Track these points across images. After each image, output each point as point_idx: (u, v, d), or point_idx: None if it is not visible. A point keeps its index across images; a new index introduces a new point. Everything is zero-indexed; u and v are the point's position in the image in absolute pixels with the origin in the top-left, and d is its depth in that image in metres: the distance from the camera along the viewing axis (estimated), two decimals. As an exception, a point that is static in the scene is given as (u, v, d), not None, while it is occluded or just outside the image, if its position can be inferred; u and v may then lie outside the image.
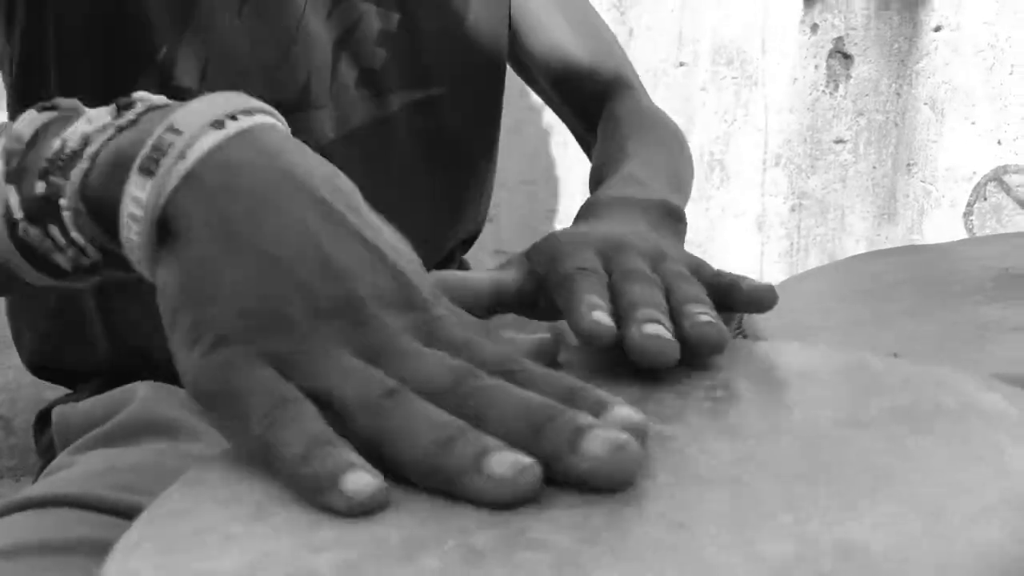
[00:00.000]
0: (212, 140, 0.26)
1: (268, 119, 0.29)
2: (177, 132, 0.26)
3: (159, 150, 0.26)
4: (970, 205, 1.31)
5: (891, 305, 0.49)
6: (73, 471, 0.50)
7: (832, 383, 0.29)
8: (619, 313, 0.32)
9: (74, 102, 0.31)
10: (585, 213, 0.46)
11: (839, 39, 1.26)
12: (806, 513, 0.20)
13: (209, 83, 0.52)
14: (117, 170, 0.27)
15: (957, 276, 0.53)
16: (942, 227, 1.31)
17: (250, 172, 0.26)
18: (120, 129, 0.29)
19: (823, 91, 1.27)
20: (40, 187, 0.28)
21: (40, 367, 0.60)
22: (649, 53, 1.21)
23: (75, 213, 0.28)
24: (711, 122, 1.25)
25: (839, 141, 1.29)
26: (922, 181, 1.32)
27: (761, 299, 0.36)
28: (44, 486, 0.47)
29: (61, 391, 0.60)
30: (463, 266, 0.72)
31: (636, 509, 0.22)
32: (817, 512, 0.20)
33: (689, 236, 0.52)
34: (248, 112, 0.28)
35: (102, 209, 0.28)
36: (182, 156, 0.26)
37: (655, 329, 0.30)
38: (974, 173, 1.30)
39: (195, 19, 0.51)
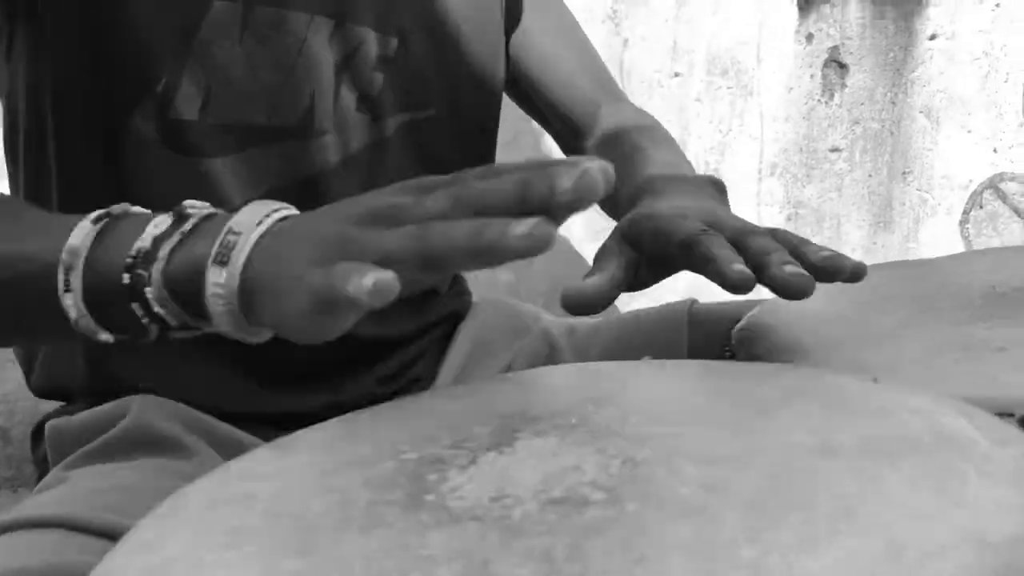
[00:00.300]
0: (257, 232, 0.37)
1: (289, 211, 0.39)
2: (237, 233, 0.37)
3: (226, 247, 0.37)
4: (966, 213, 1.31)
5: (881, 323, 0.49)
6: (63, 490, 0.50)
7: (809, 409, 0.29)
8: (751, 262, 0.39)
9: (124, 206, 0.41)
10: (649, 189, 0.53)
11: (834, 48, 1.26)
12: (768, 546, 0.20)
13: (211, 111, 0.52)
14: (194, 268, 0.37)
15: (947, 291, 0.52)
16: (938, 235, 1.31)
17: (287, 236, 0.37)
18: (183, 234, 0.39)
19: (818, 100, 1.27)
20: (125, 278, 0.38)
21: (45, 387, 0.60)
22: (644, 64, 1.21)
23: (159, 298, 0.38)
24: (706, 132, 1.25)
25: (834, 150, 1.29)
26: (918, 189, 1.32)
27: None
28: (35, 506, 0.47)
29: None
30: (457, 278, 0.72)
31: (599, 539, 0.22)
32: (779, 546, 0.20)
33: None
34: (276, 210, 0.38)
35: (181, 294, 0.38)
36: (242, 249, 0.37)
37: (795, 268, 0.38)
38: (970, 181, 1.30)
39: (195, 47, 0.51)
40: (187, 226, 0.39)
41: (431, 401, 0.38)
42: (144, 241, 0.38)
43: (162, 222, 0.39)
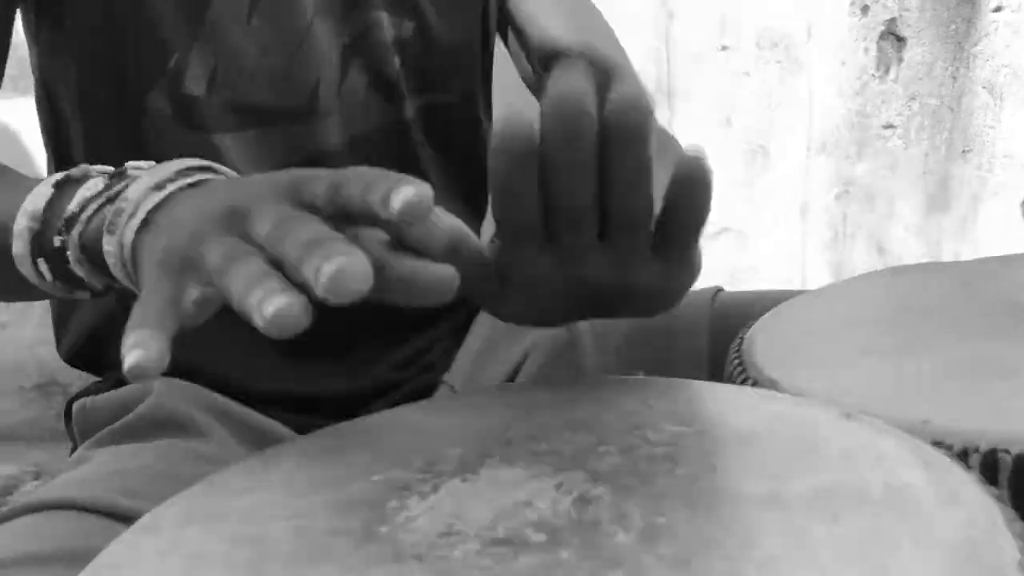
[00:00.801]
0: (153, 200, 0.36)
1: (204, 175, 0.38)
2: (126, 200, 0.36)
3: (118, 214, 0.36)
4: (1029, 194, 1.25)
5: (888, 337, 0.47)
6: (84, 471, 0.52)
7: (773, 448, 0.29)
8: None
9: (84, 168, 0.40)
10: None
11: (891, 21, 1.21)
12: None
13: (218, 89, 0.53)
14: (99, 232, 0.37)
15: (967, 302, 0.50)
16: (997, 216, 1.25)
17: (180, 205, 0.36)
18: (109, 199, 0.38)
19: (873, 75, 1.22)
20: (56, 241, 0.39)
21: (75, 357, 0.63)
22: (691, 36, 1.18)
23: (78, 260, 0.39)
24: (754, 107, 1.21)
25: (889, 127, 1.24)
26: (977, 168, 1.26)
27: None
28: (55, 488, 0.50)
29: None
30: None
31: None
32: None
33: (729, 222, 0.52)
34: (186, 173, 0.37)
35: (94, 258, 0.38)
36: (132, 215, 0.36)
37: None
38: (1034, 160, 1.24)
39: (205, 27, 0.52)
40: (117, 188, 0.38)
41: (418, 414, 0.38)
42: (73, 204, 0.39)
43: (95, 185, 0.39)
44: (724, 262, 1.25)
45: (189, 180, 0.37)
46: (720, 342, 0.68)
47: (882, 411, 0.38)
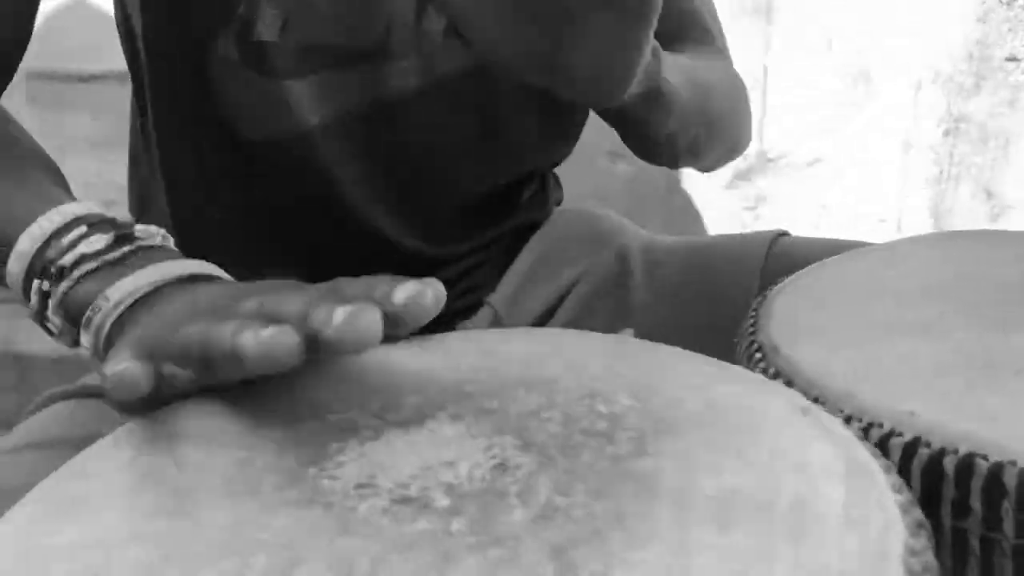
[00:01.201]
0: (124, 304, 0.37)
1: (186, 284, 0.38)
2: (107, 299, 0.37)
3: (95, 311, 0.37)
4: None
5: (920, 313, 0.44)
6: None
7: (707, 439, 0.28)
8: None
9: (90, 210, 0.40)
10: None
11: (1031, -62, 1.08)
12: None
13: (291, 33, 0.53)
14: (81, 305, 0.37)
15: (1009, 282, 0.46)
16: None
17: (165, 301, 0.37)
18: (107, 263, 0.38)
19: (999, 0, 1.10)
20: (45, 285, 0.38)
21: None
22: (797, -52, 1.09)
23: (55, 311, 0.39)
24: (857, 31, 1.12)
25: (1012, 59, 1.13)
26: (1112, 112, 1.13)
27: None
28: (93, 375, 0.54)
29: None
30: (545, 182, 0.71)
31: (407, 554, 0.23)
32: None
33: (823, 153, 0.49)
34: (178, 280, 0.37)
35: (73, 315, 0.38)
36: (109, 316, 0.37)
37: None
38: None
39: None
40: (116, 253, 0.38)
41: (406, 353, 0.39)
42: (68, 254, 0.38)
43: (98, 240, 0.38)
44: (814, 195, 1.19)
45: (170, 280, 0.37)
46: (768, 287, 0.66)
47: (871, 396, 0.36)
